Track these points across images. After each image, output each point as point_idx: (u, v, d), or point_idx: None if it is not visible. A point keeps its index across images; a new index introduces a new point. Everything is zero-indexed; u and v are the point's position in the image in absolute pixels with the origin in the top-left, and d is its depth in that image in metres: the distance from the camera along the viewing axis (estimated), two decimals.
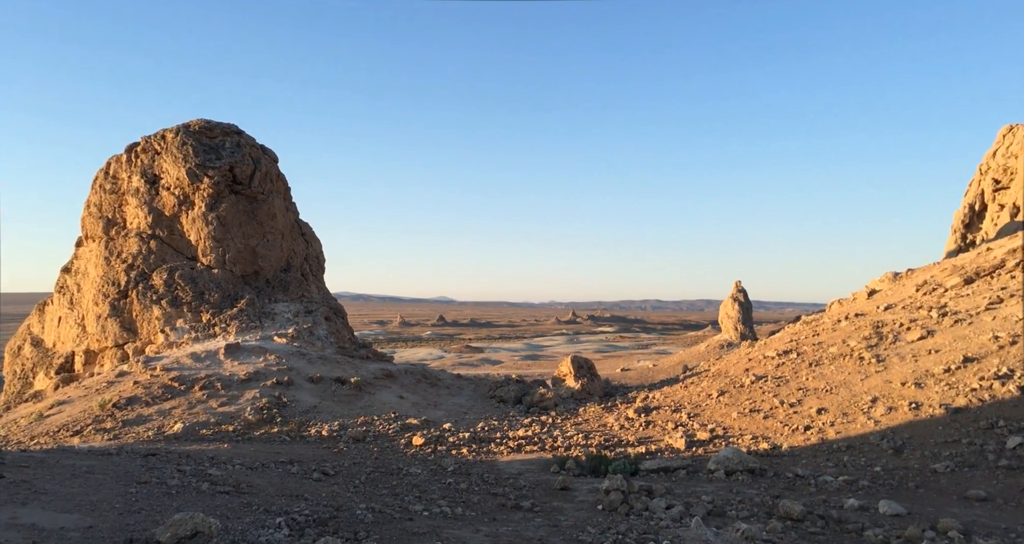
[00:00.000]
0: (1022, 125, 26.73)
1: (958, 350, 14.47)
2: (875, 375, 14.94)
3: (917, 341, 16.11)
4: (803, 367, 17.31)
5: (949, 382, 13.07)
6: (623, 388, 24.35)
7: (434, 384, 22.67)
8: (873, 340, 17.29)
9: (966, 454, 10.26)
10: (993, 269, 18.81)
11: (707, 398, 17.26)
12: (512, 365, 61.90)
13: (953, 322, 16.27)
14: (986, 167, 27.65)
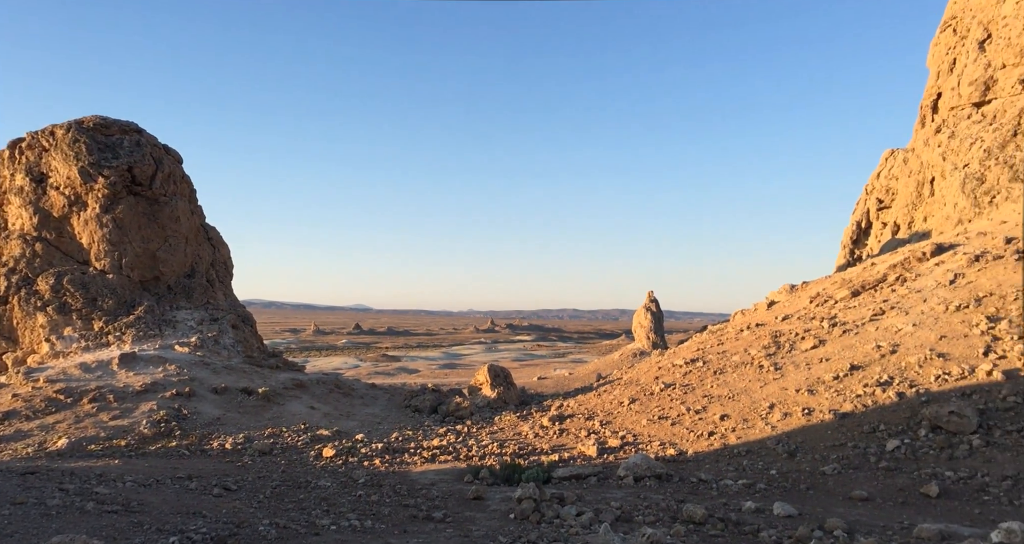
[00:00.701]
0: (902, 150, 29.11)
1: (846, 358, 15.49)
2: (773, 382, 15.76)
3: (810, 350, 17.12)
4: (708, 375, 18.04)
5: (838, 389, 13.98)
6: (539, 396, 24.60)
7: (347, 394, 22.13)
8: (772, 349, 18.24)
9: (851, 457, 10.99)
10: (876, 283, 20.30)
11: (619, 406, 17.69)
12: (429, 374, 61.33)
13: (842, 332, 17.41)
14: (871, 188, 29.93)
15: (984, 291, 15.90)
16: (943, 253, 19.90)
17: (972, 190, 23.13)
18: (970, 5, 27.05)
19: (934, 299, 16.75)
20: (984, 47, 25.48)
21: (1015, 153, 22.65)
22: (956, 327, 14.84)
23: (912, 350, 14.56)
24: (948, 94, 27.00)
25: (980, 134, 24.10)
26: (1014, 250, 17.39)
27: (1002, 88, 24.67)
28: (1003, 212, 21.61)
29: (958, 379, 12.67)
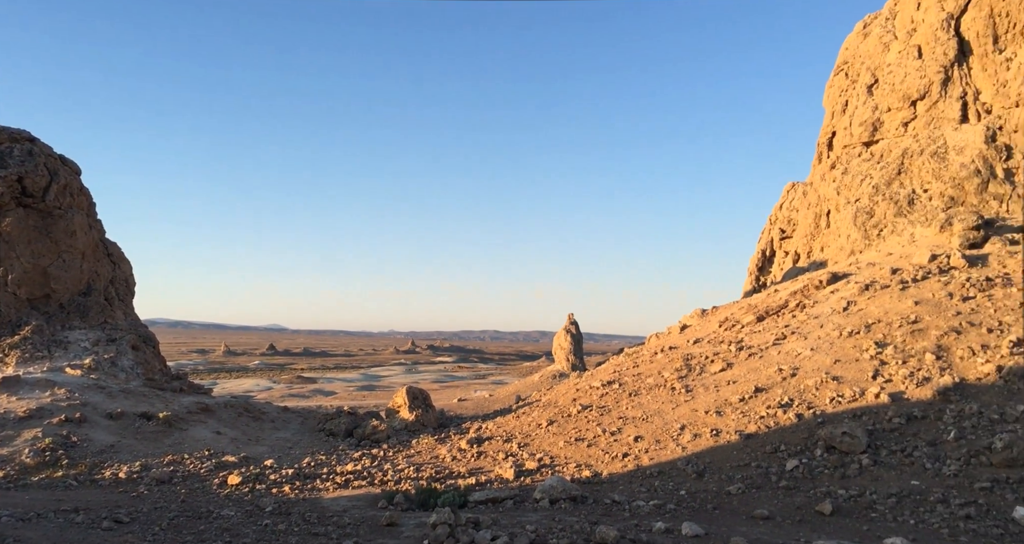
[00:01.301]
0: (802, 183, 31.12)
1: (751, 381, 16.22)
2: (684, 404, 16.29)
3: (719, 373, 17.83)
4: (624, 397, 18.43)
5: (743, 410, 14.60)
6: (458, 419, 24.40)
7: (257, 418, 21.22)
8: (684, 371, 18.87)
9: (755, 476, 11.48)
10: (779, 309, 21.47)
11: (537, 428, 17.78)
12: (347, 396, 59.67)
13: (747, 356, 18.24)
14: (775, 218, 31.80)
15: (873, 318, 17.10)
16: (838, 282, 21.29)
17: (863, 223, 24.94)
18: (859, 52, 29.44)
19: (829, 325, 17.85)
20: (872, 91, 27.75)
21: (899, 190, 24.65)
22: (849, 352, 15.86)
23: (810, 373, 15.43)
24: (841, 133, 29.15)
25: (869, 171, 26.11)
26: (899, 280, 18.83)
27: (888, 129, 26.88)
28: (889, 244, 23.39)
29: (850, 401, 13.52)
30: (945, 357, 14.25)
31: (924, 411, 12.22)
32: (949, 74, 24.88)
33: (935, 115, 25.20)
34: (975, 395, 12.40)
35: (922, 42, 25.80)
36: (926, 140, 24.82)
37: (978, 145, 23.07)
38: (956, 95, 24.71)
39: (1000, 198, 22.38)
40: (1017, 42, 23.69)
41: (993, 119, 23.54)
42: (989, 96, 24.05)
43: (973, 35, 24.44)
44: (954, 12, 25.01)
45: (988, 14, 24.13)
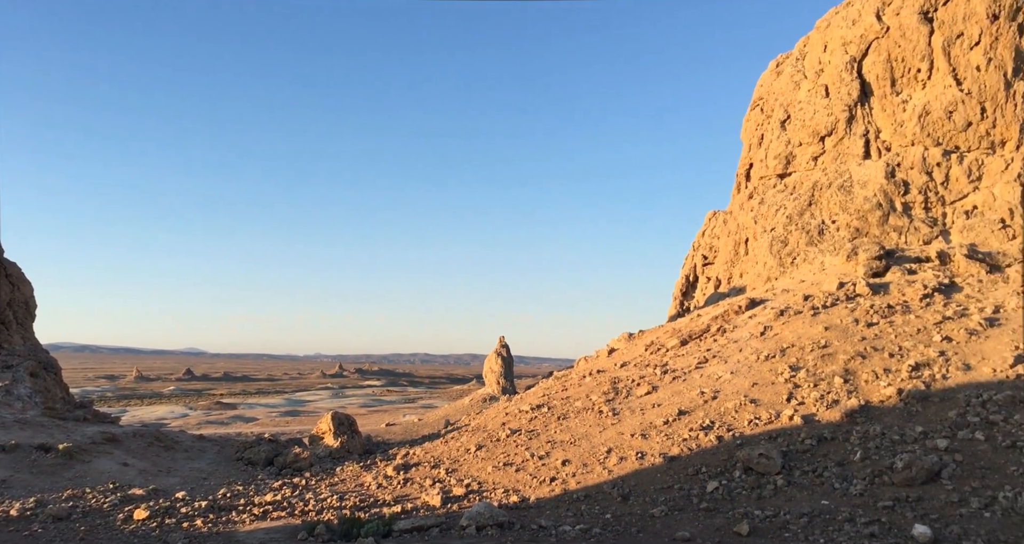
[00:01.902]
0: (723, 211, 32.52)
1: (675, 404, 16.63)
2: (611, 427, 16.51)
3: (645, 396, 18.20)
4: (552, 421, 18.52)
5: (667, 433, 14.93)
6: (385, 444, 23.87)
7: (170, 447, 20.11)
8: (611, 395, 19.15)
9: (677, 499, 11.73)
10: (701, 333, 22.20)
11: (465, 453, 17.61)
12: (269, 422, 57.39)
13: (672, 379, 18.72)
14: (697, 245, 33.05)
15: (787, 343, 17.91)
16: (755, 307, 22.23)
17: (778, 251, 26.22)
18: (773, 89, 31.23)
19: (748, 349, 18.58)
20: (785, 126, 29.42)
21: (811, 220, 26.09)
22: (765, 375, 16.53)
23: (730, 396, 15.97)
24: (758, 165, 30.71)
25: (783, 202, 27.56)
26: (810, 306, 19.85)
27: (800, 163, 28.51)
28: (802, 272, 24.67)
29: (767, 423, 14.06)
30: (852, 380, 15.06)
31: (833, 433, 12.85)
32: (853, 113, 26.69)
33: (841, 151, 26.93)
34: (879, 417, 13.14)
35: (829, 82, 27.62)
36: (834, 174, 26.45)
37: (879, 180, 24.76)
38: (860, 132, 26.52)
39: (899, 230, 24.04)
40: (912, 86, 25.72)
41: (892, 156, 25.36)
42: (888, 134, 25.93)
43: (873, 78, 26.38)
44: (856, 56, 26.94)
45: (886, 59, 26.12)
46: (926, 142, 24.86)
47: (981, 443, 11.33)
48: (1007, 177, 23.06)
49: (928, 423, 12.40)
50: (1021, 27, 24.03)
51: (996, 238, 22.16)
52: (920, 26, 25.36)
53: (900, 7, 26.02)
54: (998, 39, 24.09)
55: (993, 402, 12.41)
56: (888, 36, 26.17)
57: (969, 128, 24.25)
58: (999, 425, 11.74)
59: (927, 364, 14.93)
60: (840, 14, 28.39)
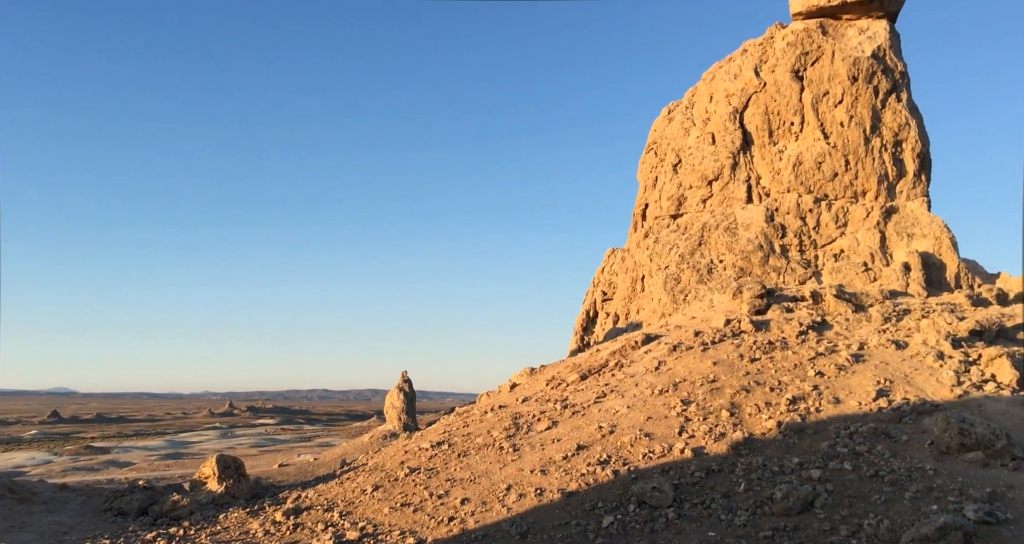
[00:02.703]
0: (621, 249, 33.85)
1: (574, 439, 16.86)
2: (511, 464, 16.48)
3: (545, 431, 18.34)
4: (453, 458, 18.27)
5: (566, 468, 15.09)
6: (276, 487, 22.62)
7: (25, 499, 18.14)
8: (512, 430, 19.16)
9: (574, 535, 11.83)
10: (600, 367, 22.77)
11: (361, 494, 17.00)
12: (147, 467, 53.02)
13: (571, 414, 19.01)
14: (597, 281, 34.16)
15: (679, 377, 18.69)
16: (651, 342, 23.09)
17: (671, 288, 27.50)
18: (665, 134, 33.15)
19: (643, 383, 19.21)
20: (677, 170, 31.20)
21: (700, 259, 27.61)
22: (659, 409, 17.12)
23: (626, 430, 16.39)
24: (653, 205, 32.29)
25: (676, 241, 29.04)
26: (700, 342, 20.86)
27: (690, 205, 30.23)
28: (693, 309, 25.94)
29: (660, 457, 14.51)
30: (737, 414, 15.88)
31: (720, 465, 13.44)
32: (737, 160, 28.73)
33: (727, 195, 28.82)
34: (761, 448, 13.89)
35: (715, 130, 29.65)
36: (720, 216, 28.22)
37: (760, 223, 26.65)
38: (743, 178, 28.54)
39: (779, 270, 25.87)
40: (787, 137, 28.07)
41: (771, 201, 27.41)
42: (768, 181, 28.05)
43: (754, 128, 28.58)
44: (738, 107, 29.14)
45: (764, 111, 28.41)
46: (800, 189, 27.09)
47: (849, 473, 12.21)
48: (868, 224, 25.46)
49: (803, 454, 13.24)
50: (876, 89, 26.90)
51: (860, 280, 24.30)
52: (792, 83, 27.84)
53: (775, 65, 28.49)
54: (858, 99, 26.82)
55: (859, 434, 13.44)
56: (765, 91, 28.53)
57: (836, 178, 26.67)
58: (864, 455, 12.70)
59: (803, 397, 16.00)
60: (723, 68, 30.70)
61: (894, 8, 28.09)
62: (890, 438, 13.51)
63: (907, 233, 25.41)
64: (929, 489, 11.45)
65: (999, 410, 14.36)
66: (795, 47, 28.07)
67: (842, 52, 27.24)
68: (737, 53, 30.61)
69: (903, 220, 25.78)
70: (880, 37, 27.35)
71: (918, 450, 12.98)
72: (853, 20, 28.31)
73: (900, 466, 12.33)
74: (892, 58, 27.21)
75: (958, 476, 11.80)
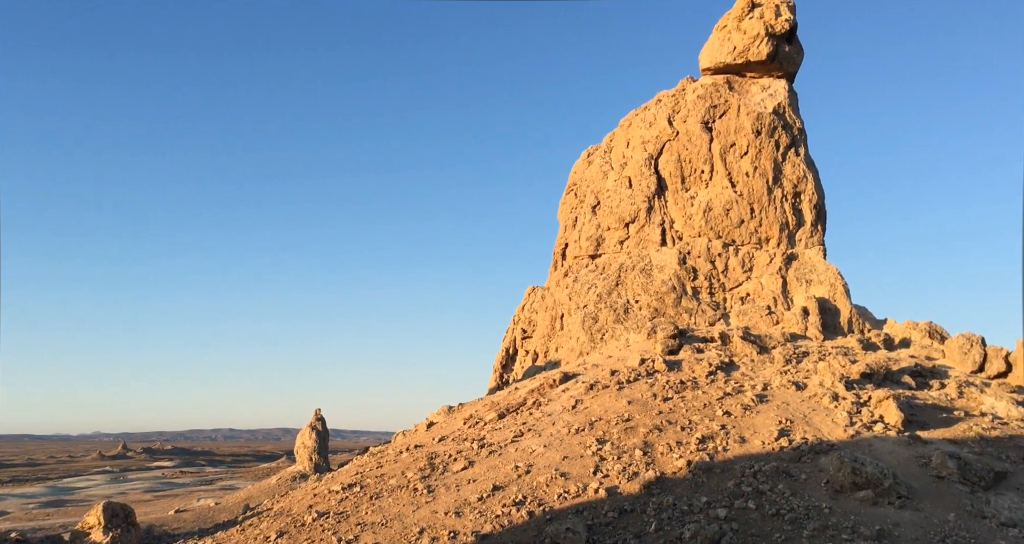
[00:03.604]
0: (541, 287, 34.32)
1: (490, 479, 16.68)
2: (425, 506, 16.09)
3: (461, 471, 18.06)
4: (364, 500, 17.65)
5: (481, 510, 14.86)
6: (169, 536, 21.08)
7: None
8: (427, 471, 18.75)
9: None
10: (518, 406, 22.75)
11: (265, 541, 16.11)
12: (23, 516, 48.19)
13: (488, 453, 18.82)
14: (517, 319, 34.42)
15: (596, 416, 18.93)
16: (568, 381, 23.34)
17: (589, 327, 28.04)
18: (585, 176, 34.23)
19: (560, 422, 19.32)
20: (596, 211, 32.17)
21: (617, 299, 28.35)
22: (575, 448, 17.23)
23: (542, 470, 16.38)
24: (572, 245, 33.06)
25: (595, 281, 29.75)
26: (616, 381, 21.27)
27: (609, 245, 31.15)
28: (610, 347, 26.50)
29: (575, 497, 14.56)
30: (650, 453, 16.20)
31: (632, 504, 13.62)
32: (652, 204, 29.96)
33: (643, 237, 29.92)
34: (671, 488, 14.19)
35: (632, 174, 30.89)
36: (637, 257, 29.20)
37: (673, 266, 27.75)
38: (657, 222, 29.74)
39: (690, 311, 26.91)
40: (698, 184, 29.57)
41: (684, 245, 28.65)
42: (681, 225, 29.35)
43: (668, 174, 29.98)
44: (653, 154, 30.54)
45: (677, 159, 29.90)
46: (710, 234, 28.48)
47: (752, 512, 12.65)
48: (771, 270, 26.99)
49: (711, 493, 13.61)
50: (778, 143, 28.90)
51: (764, 322, 25.60)
52: (703, 134, 29.52)
53: (687, 116, 30.17)
54: (761, 151, 28.69)
55: (762, 472, 13.98)
56: (678, 139, 30.09)
57: (742, 225, 28.23)
58: (767, 494, 13.20)
59: (711, 437, 16.53)
60: (639, 116, 32.21)
61: (792, 69, 30.49)
62: (790, 477, 14.12)
63: (806, 279, 27.09)
64: (825, 527, 12.00)
65: (886, 449, 15.32)
66: (705, 100, 29.86)
67: (747, 107, 29.19)
68: (652, 102, 32.23)
69: (802, 267, 27.50)
70: (780, 95, 29.54)
71: (815, 488, 13.62)
72: (756, 78, 30.49)
73: (799, 505, 12.89)
74: (791, 115, 29.39)
75: (851, 514, 12.44)
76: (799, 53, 30.36)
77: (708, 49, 30.84)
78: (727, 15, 30.41)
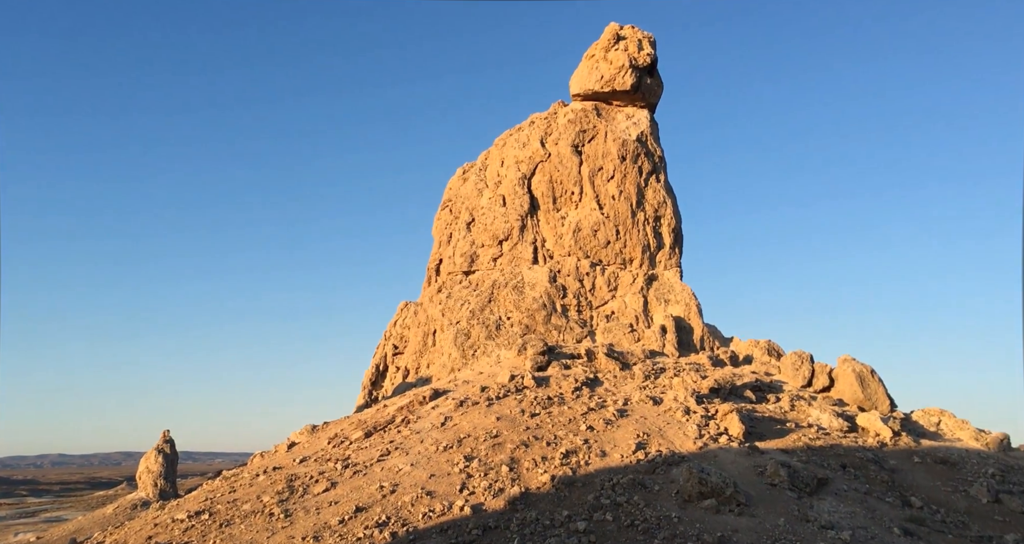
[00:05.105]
0: (414, 302, 33.99)
1: (353, 500, 16.16)
2: (281, 531, 15.29)
3: (322, 493, 17.36)
4: (213, 529, 16.49)
5: (341, 533, 14.35)
6: None
7: None
8: (285, 494, 17.85)
9: None
10: (387, 424, 22.28)
11: None
12: None
13: (352, 473, 18.24)
14: (389, 334, 33.83)
15: (464, 433, 18.93)
16: (439, 398, 23.20)
17: (461, 343, 28.10)
18: (460, 193, 34.49)
19: (429, 440, 19.13)
20: (470, 228, 32.47)
21: (490, 316, 28.68)
22: (443, 466, 17.12)
23: (408, 489, 16.11)
24: (447, 261, 33.09)
25: (468, 297, 29.92)
26: (486, 398, 21.43)
27: (482, 262, 31.50)
28: (481, 363, 26.70)
29: (440, 515, 14.44)
30: (516, 468, 16.43)
31: (497, 521, 13.72)
32: (525, 222, 30.71)
33: (516, 255, 30.55)
34: (535, 503, 14.46)
35: (506, 193, 31.52)
36: (509, 275, 29.73)
37: (544, 283, 28.53)
38: (530, 240, 30.51)
39: (560, 329, 27.75)
40: (568, 205, 30.72)
41: (554, 263, 29.57)
42: (552, 244, 30.29)
43: (540, 194, 30.89)
44: (527, 174, 31.39)
45: (549, 180, 30.90)
46: (578, 254, 29.62)
47: (610, 523, 13.17)
48: (634, 289, 28.50)
49: (572, 507, 14.03)
50: (641, 169, 30.71)
51: (627, 340, 26.93)
52: (573, 156, 30.76)
53: (558, 138, 31.33)
54: (626, 176, 30.35)
55: (620, 485, 14.61)
56: (550, 161, 31.14)
57: (608, 246, 29.62)
58: (623, 506, 13.80)
59: (575, 451, 17.06)
60: (513, 136, 33.03)
61: (653, 100, 32.62)
62: (645, 488, 14.87)
63: (664, 299, 28.86)
64: (673, 536, 12.74)
65: (729, 460, 16.57)
66: (575, 124, 31.16)
67: (613, 133, 30.81)
68: (526, 124, 33.17)
69: (661, 287, 29.28)
70: (643, 124, 31.47)
71: (667, 499, 14.43)
72: (621, 106, 32.29)
73: (652, 515, 13.59)
74: (652, 143, 31.38)
75: (696, 522, 13.30)
76: (660, 86, 32.56)
77: (578, 76, 32.27)
78: (595, 45, 32.06)
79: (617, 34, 31.57)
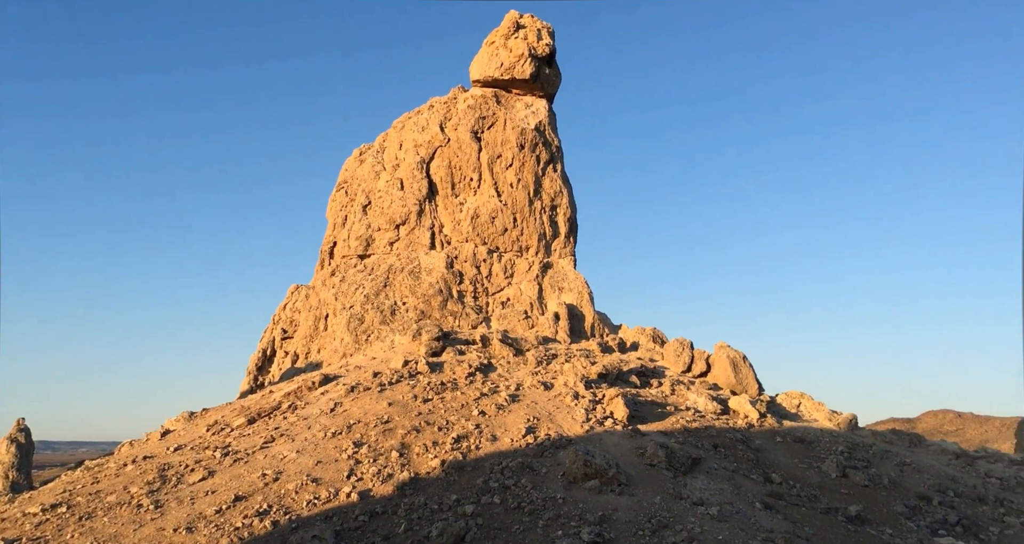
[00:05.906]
0: (305, 286, 32.82)
1: (232, 489, 15.47)
2: (150, 523, 14.42)
3: (198, 483, 16.50)
4: (71, 522, 15.28)
5: (218, 523, 13.72)
6: None
7: None
8: (156, 484, 16.84)
9: None
10: (272, 410, 21.45)
11: None
12: None
13: (233, 461, 17.45)
14: (278, 318, 32.48)
15: (354, 419, 18.57)
16: (329, 383, 22.59)
17: (354, 328, 27.47)
18: (357, 174, 33.59)
19: (317, 426, 18.61)
20: (367, 211, 31.70)
21: (385, 301, 28.20)
22: (330, 453, 16.72)
23: (292, 476, 15.62)
24: (341, 244, 32.16)
25: (363, 281, 29.25)
26: (378, 383, 21.11)
27: (378, 246, 30.87)
28: (375, 349, 26.23)
29: (325, 502, 14.11)
30: (406, 454, 16.32)
31: (385, 507, 13.60)
32: (423, 207, 30.35)
33: (413, 239, 30.17)
34: (424, 488, 14.45)
35: (404, 177, 31.01)
36: (406, 259, 29.33)
37: (441, 269, 28.38)
38: (427, 225, 30.21)
39: (455, 314, 27.73)
40: (467, 191, 30.65)
41: (452, 249, 29.46)
42: (450, 230, 30.15)
43: (439, 179, 30.62)
44: (425, 158, 31.01)
45: (448, 165, 30.69)
46: (476, 240, 29.66)
47: (497, 506, 13.40)
48: (529, 277, 28.93)
49: (461, 491, 14.13)
50: (539, 159, 31.12)
51: (522, 326, 27.34)
52: (472, 143, 30.68)
53: (458, 124, 31.14)
54: (524, 165, 30.66)
55: (509, 468, 14.86)
56: (449, 146, 30.91)
57: (506, 233, 29.86)
58: (511, 489, 14.07)
59: (466, 436, 17.18)
60: (412, 119, 32.50)
61: (552, 91, 33.09)
62: (533, 471, 15.23)
63: (558, 287, 29.52)
64: (558, 516, 13.15)
65: (613, 442, 17.28)
66: (475, 110, 31.08)
67: (512, 121, 31.00)
68: (425, 107, 32.70)
69: (556, 275, 29.91)
70: (541, 113, 31.88)
71: (553, 481, 14.85)
72: (521, 95, 32.54)
73: (538, 497, 13.95)
74: (550, 133, 31.86)
75: (580, 503, 13.79)
76: (558, 76, 33.06)
77: (478, 62, 32.16)
78: (495, 32, 32.05)
79: (517, 22, 31.70)
